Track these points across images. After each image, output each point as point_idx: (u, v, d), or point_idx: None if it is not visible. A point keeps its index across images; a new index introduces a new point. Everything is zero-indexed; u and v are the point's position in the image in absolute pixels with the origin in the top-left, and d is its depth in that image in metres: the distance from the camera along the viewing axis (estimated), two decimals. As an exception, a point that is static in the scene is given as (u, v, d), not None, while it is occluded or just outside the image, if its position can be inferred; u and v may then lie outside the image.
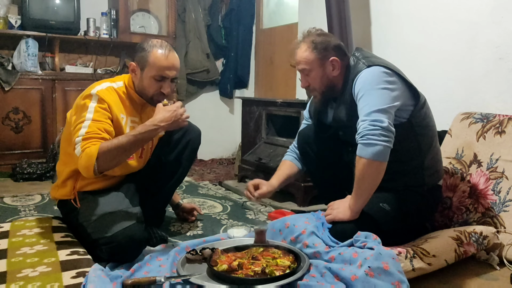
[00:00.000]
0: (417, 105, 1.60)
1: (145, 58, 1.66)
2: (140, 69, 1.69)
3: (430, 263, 1.41)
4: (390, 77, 1.53)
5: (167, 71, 1.67)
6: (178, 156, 1.89)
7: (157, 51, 1.66)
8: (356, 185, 1.49)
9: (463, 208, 1.82)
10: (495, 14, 2.11)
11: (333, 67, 1.66)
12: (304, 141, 1.88)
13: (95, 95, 1.60)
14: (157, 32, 3.87)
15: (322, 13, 2.87)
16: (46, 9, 3.29)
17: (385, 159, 1.44)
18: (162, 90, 1.70)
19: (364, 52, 1.68)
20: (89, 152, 1.47)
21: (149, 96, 1.72)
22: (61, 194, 1.74)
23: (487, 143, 1.86)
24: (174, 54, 1.70)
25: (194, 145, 1.93)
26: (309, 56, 1.66)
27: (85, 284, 1.26)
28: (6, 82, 3.11)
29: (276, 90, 4.16)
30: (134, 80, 1.73)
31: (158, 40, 1.72)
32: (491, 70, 2.14)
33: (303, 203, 2.55)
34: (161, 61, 1.65)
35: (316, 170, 1.90)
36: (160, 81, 1.68)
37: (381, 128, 1.41)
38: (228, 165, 4.17)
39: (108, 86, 1.68)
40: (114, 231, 1.48)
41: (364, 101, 1.49)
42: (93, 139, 1.51)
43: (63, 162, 1.74)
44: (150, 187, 1.85)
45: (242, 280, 1.32)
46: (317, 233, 1.55)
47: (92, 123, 1.54)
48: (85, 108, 1.59)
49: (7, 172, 3.15)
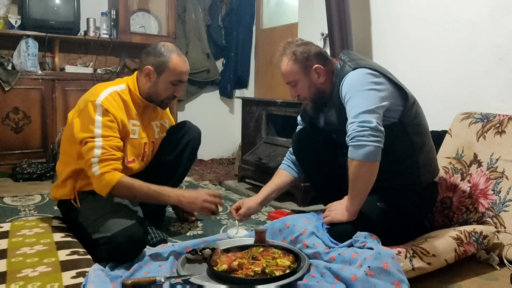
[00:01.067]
0: (407, 104, 1.60)
1: (164, 64, 1.70)
2: (157, 74, 1.71)
3: (430, 262, 1.41)
4: (377, 78, 1.54)
5: (184, 76, 1.75)
6: (178, 156, 1.90)
7: (176, 57, 1.72)
8: (351, 187, 1.50)
9: (463, 208, 1.82)
10: (495, 14, 2.11)
11: (318, 75, 1.68)
12: (299, 145, 1.88)
13: (100, 106, 1.61)
14: (157, 32, 3.87)
15: (322, 13, 2.87)
16: (46, 9, 3.28)
17: (376, 159, 1.44)
18: (176, 94, 1.77)
19: (351, 55, 1.69)
20: (109, 180, 1.55)
21: (160, 100, 1.76)
22: (61, 194, 1.74)
23: (487, 143, 1.86)
24: (186, 58, 1.77)
25: (194, 145, 1.94)
26: (292, 68, 1.68)
27: (85, 284, 1.26)
28: (6, 82, 3.10)
29: (276, 90, 4.16)
30: (146, 83, 1.74)
31: (169, 44, 1.76)
32: (491, 70, 2.14)
33: (303, 203, 2.55)
34: (180, 66, 1.72)
35: (312, 173, 1.90)
36: (176, 85, 1.75)
37: (369, 129, 1.42)
38: (228, 165, 4.17)
39: (112, 91, 1.68)
40: (114, 231, 1.49)
41: (352, 103, 1.50)
42: (110, 161, 1.57)
43: (63, 162, 1.75)
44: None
45: (242, 280, 1.32)
46: (317, 234, 1.56)
47: (104, 141, 1.57)
48: (91, 120, 1.59)
49: (7, 172, 3.15)
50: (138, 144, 1.78)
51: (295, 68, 1.67)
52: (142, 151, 1.81)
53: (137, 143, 1.77)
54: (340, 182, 1.78)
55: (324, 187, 1.91)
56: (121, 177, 1.57)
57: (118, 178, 1.56)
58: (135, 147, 1.77)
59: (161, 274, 1.37)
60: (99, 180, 1.56)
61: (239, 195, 2.84)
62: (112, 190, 1.56)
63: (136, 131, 1.76)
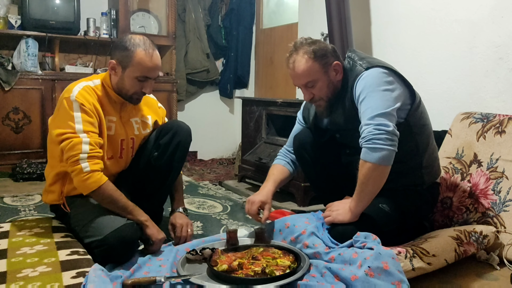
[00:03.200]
0: (414, 104, 1.59)
1: (128, 58, 1.61)
2: (122, 68, 1.63)
3: (430, 262, 1.41)
4: (389, 77, 1.53)
5: (151, 72, 1.64)
6: (170, 159, 1.82)
7: (141, 52, 1.60)
8: (359, 188, 1.48)
9: (463, 208, 1.82)
10: (495, 14, 2.11)
11: (336, 72, 1.63)
12: (300, 145, 1.83)
13: (75, 102, 1.56)
14: (157, 32, 3.87)
15: (322, 13, 2.87)
16: (46, 9, 3.29)
17: (389, 163, 1.43)
18: (144, 90, 1.67)
19: (359, 53, 1.67)
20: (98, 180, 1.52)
21: (128, 95, 1.68)
22: (50, 199, 1.73)
23: (487, 143, 1.86)
24: (157, 53, 1.66)
25: (184, 146, 1.86)
26: (312, 66, 1.58)
27: (85, 284, 1.26)
28: (6, 82, 3.10)
29: (276, 90, 4.16)
30: (113, 78, 1.67)
31: (140, 37, 1.65)
32: (491, 70, 2.14)
33: (303, 203, 2.55)
34: (145, 62, 1.61)
35: (313, 173, 1.87)
36: (143, 81, 1.65)
37: (386, 132, 1.40)
38: (228, 165, 4.17)
39: (85, 85, 1.63)
40: (105, 233, 1.46)
41: (366, 104, 1.48)
42: (97, 158, 1.54)
43: (50, 165, 1.72)
44: (143, 191, 1.82)
45: (242, 280, 1.32)
46: (317, 234, 1.55)
47: (89, 138, 1.54)
48: (70, 116, 1.55)
49: (7, 172, 3.15)
50: (115, 141, 1.73)
51: (315, 67, 1.58)
52: (119, 147, 1.76)
53: (113, 140, 1.72)
54: (341, 182, 1.78)
55: (324, 188, 1.89)
56: (107, 180, 1.54)
57: (105, 180, 1.53)
58: (112, 144, 1.72)
59: (161, 274, 1.37)
60: (87, 177, 1.51)
61: (239, 195, 2.84)
62: (96, 190, 1.52)
63: (113, 127, 1.70)
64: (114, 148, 1.74)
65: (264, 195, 1.71)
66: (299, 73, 1.60)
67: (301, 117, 1.92)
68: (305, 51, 1.59)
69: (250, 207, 1.68)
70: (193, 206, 2.53)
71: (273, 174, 1.82)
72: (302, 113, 1.91)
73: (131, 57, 1.60)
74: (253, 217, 1.69)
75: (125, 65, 1.62)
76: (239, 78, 4.40)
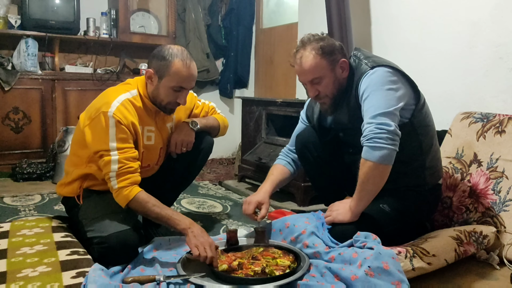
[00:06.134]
0: (418, 104, 1.59)
1: (165, 68, 1.61)
2: (158, 78, 1.64)
3: (430, 262, 1.41)
4: (394, 77, 1.52)
5: (187, 82, 1.65)
6: (190, 164, 1.87)
7: (179, 62, 1.61)
8: (360, 187, 1.48)
9: (463, 207, 1.82)
10: (495, 14, 2.11)
11: (342, 69, 1.62)
12: (302, 145, 1.82)
13: (112, 118, 1.55)
14: (157, 32, 3.87)
15: (322, 13, 2.87)
16: (46, 9, 3.28)
17: (390, 163, 1.43)
18: (178, 101, 1.67)
19: (364, 52, 1.66)
20: (126, 195, 1.54)
21: (163, 105, 1.69)
22: (67, 191, 1.75)
23: (487, 142, 1.86)
24: (194, 64, 1.66)
25: (205, 154, 1.91)
26: (319, 63, 1.57)
27: (85, 284, 1.26)
28: (6, 82, 3.10)
29: (276, 90, 4.16)
30: (149, 87, 1.68)
31: (178, 47, 1.66)
32: (490, 70, 2.14)
33: (303, 203, 2.55)
34: (182, 72, 1.61)
35: (315, 173, 1.87)
36: (178, 92, 1.65)
37: (388, 132, 1.40)
38: (228, 165, 4.17)
39: (124, 99, 1.62)
40: (109, 232, 1.48)
41: (369, 103, 1.48)
42: (127, 174, 1.55)
43: (73, 163, 1.74)
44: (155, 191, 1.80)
45: (242, 280, 1.32)
46: (317, 233, 1.55)
47: (119, 155, 1.54)
48: (105, 132, 1.55)
49: (7, 172, 3.15)
50: (154, 150, 1.76)
51: (322, 63, 1.57)
52: (158, 156, 1.79)
53: (153, 149, 1.75)
54: (343, 182, 1.78)
55: (326, 188, 1.89)
56: (138, 192, 1.54)
57: (135, 194, 1.54)
58: (151, 153, 1.75)
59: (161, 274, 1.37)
60: (116, 194, 1.56)
61: (239, 195, 2.84)
62: (129, 204, 1.55)
63: (152, 137, 1.73)
64: (152, 157, 1.77)
65: (261, 195, 1.71)
66: (306, 69, 1.59)
67: (304, 116, 1.91)
68: (313, 47, 1.58)
69: (247, 207, 1.68)
70: (193, 206, 2.53)
71: (272, 175, 1.82)
72: (305, 112, 1.90)
73: (169, 67, 1.61)
74: (249, 217, 1.69)
75: (162, 75, 1.63)
76: (239, 78, 4.39)
